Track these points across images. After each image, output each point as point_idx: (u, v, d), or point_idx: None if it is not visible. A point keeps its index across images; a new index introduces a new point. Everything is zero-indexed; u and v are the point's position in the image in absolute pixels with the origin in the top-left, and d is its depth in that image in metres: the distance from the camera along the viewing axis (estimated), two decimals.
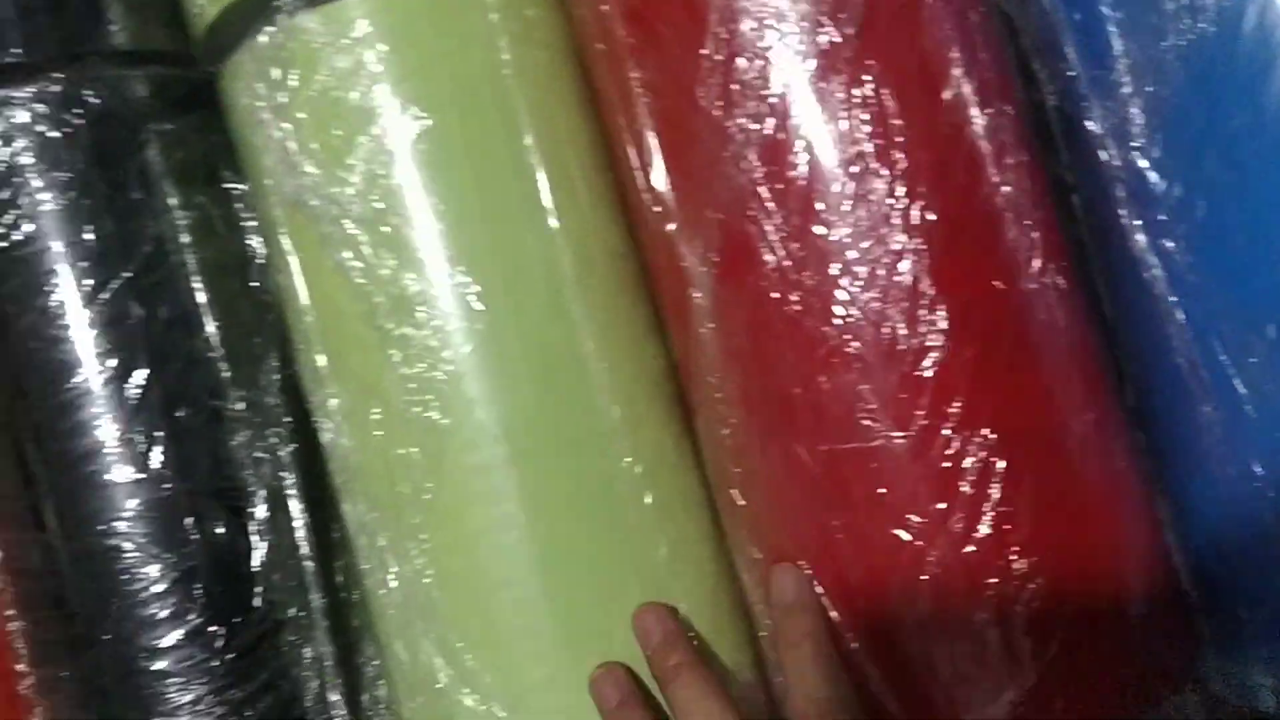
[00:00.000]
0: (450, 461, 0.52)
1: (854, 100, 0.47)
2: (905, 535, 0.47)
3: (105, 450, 0.55)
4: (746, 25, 0.47)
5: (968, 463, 0.47)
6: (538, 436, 0.52)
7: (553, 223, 0.54)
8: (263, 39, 0.53)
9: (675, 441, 0.56)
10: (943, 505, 0.47)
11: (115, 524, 0.55)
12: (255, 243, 0.60)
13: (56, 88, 0.56)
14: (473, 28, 0.54)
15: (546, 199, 0.54)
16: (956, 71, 0.49)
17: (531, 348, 0.53)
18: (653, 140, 0.52)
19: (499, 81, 0.54)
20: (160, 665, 0.55)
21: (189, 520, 0.56)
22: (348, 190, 0.52)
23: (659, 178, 0.52)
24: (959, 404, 0.47)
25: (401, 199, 0.52)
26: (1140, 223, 0.50)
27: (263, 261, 0.60)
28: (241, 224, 0.60)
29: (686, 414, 0.56)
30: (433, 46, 0.53)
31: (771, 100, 0.47)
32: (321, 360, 0.55)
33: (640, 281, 0.57)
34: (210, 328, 0.58)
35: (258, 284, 0.60)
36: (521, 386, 0.52)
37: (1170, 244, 0.49)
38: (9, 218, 0.56)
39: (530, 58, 0.55)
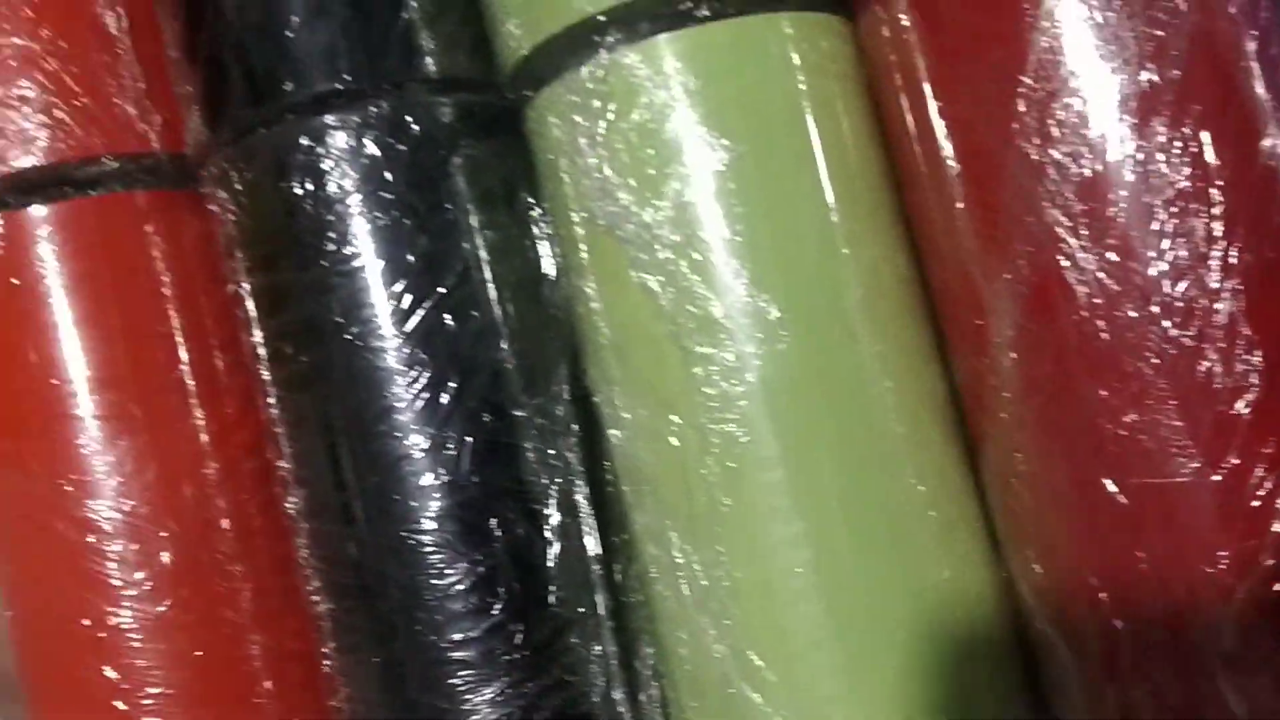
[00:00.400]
0: (748, 478, 0.54)
1: (1174, 140, 0.47)
2: (1213, 570, 0.47)
3: (417, 454, 0.58)
4: (1069, 64, 0.48)
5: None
6: (829, 454, 0.54)
7: (845, 249, 0.55)
8: (582, 72, 0.55)
9: (955, 463, 0.57)
10: (1253, 542, 0.47)
11: (424, 522, 0.58)
12: (547, 261, 0.63)
13: (381, 113, 0.59)
14: (774, 63, 0.55)
15: (840, 226, 0.55)
16: (1275, 117, 0.48)
17: (825, 368, 0.54)
18: (953, 170, 0.53)
19: (797, 113, 0.55)
20: (462, 656, 0.58)
21: (492, 521, 0.58)
22: (658, 217, 0.54)
23: (959, 209, 0.53)
24: (1272, 445, 0.47)
25: (708, 226, 0.54)
26: None
27: (554, 278, 0.63)
28: (534, 243, 0.63)
29: (966, 437, 0.57)
30: (738, 81, 0.55)
31: (1092, 139, 0.48)
32: (619, 375, 0.58)
33: (924, 307, 0.58)
34: (508, 342, 0.61)
35: (548, 300, 0.62)
36: (815, 406, 0.54)
37: None
38: (333, 237, 0.59)
39: (825, 89, 0.57)
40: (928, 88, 0.54)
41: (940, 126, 0.53)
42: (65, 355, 0.66)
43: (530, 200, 0.63)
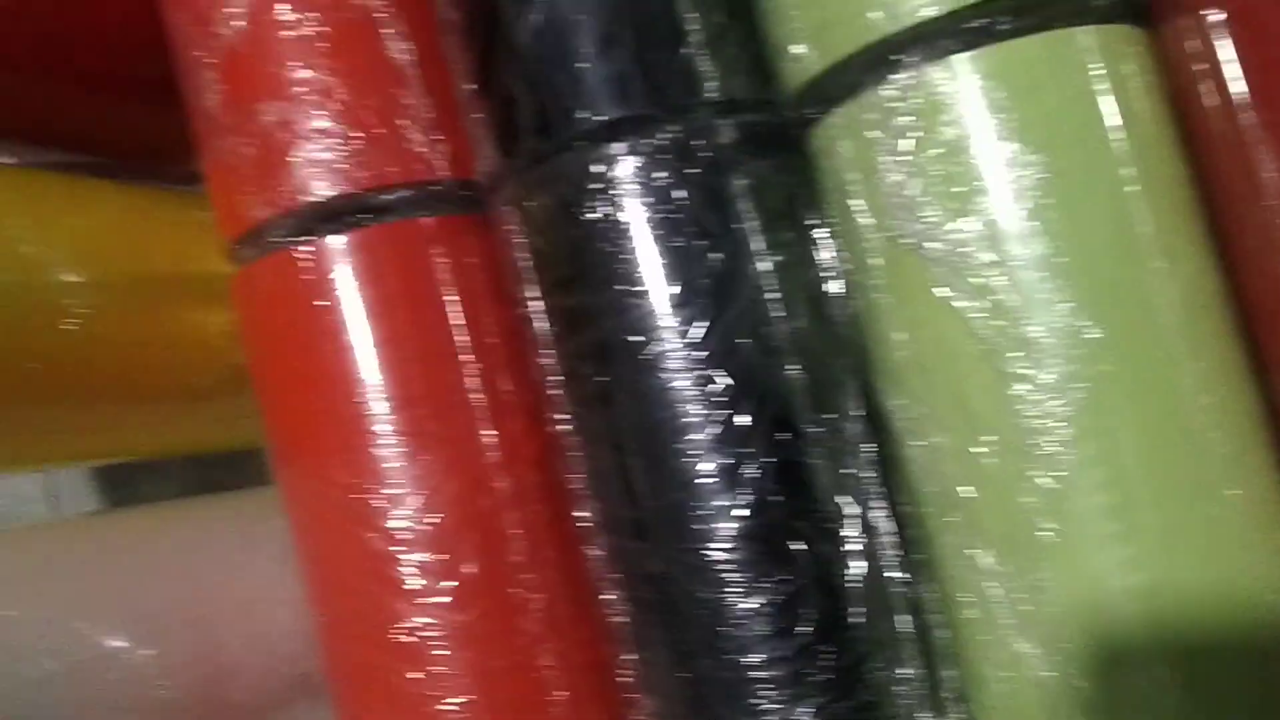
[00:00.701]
0: (1072, 502, 0.52)
1: None
2: None
3: (715, 473, 0.58)
4: None
5: None
6: (1153, 475, 0.52)
7: (1162, 265, 0.53)
8: (883, 91, 0.54)
9: (1273, 478, 0.54)
10: None
11: (725, 542, 0.58)
12: (833, 277, 0.62)
13: (669, 138, 0.59)
14: (1079, 76, 0.53)
15: (1156, 241, 0.53)
16: None
17: (1147, 388, 0.52)
18: (1273, 184, 0.50)
19: (1107, 127, 0.53)
20: (770, 675, 0.58)
21: (792, 542, 0.58)
22: (969, 235, 0.53)
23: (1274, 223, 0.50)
24: None
25: (1022, 244, 0.52)
26: None
27: (840, 295, 0.62)
28: (817, 261, 0.62)
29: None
30: (1045, 96, 0.53)
31: None
32: (921, 393, 0.57)
33: (1237, 322, 0.55)
34: (798, 360, 0.60)
35: (835, 317, 0.62)
36: (1138, 426, 0.52)
37: None
38: (626, 260, 0.59)
39: (1132, 101, 0.54)
40: (1245, 99, 0.51)
41: (1260, 139, 0.50)
42: (364, 374, 0.68)
43: (811, 217, 0.62)
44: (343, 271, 0.68)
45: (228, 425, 0.83)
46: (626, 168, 0.60)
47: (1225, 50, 0.52)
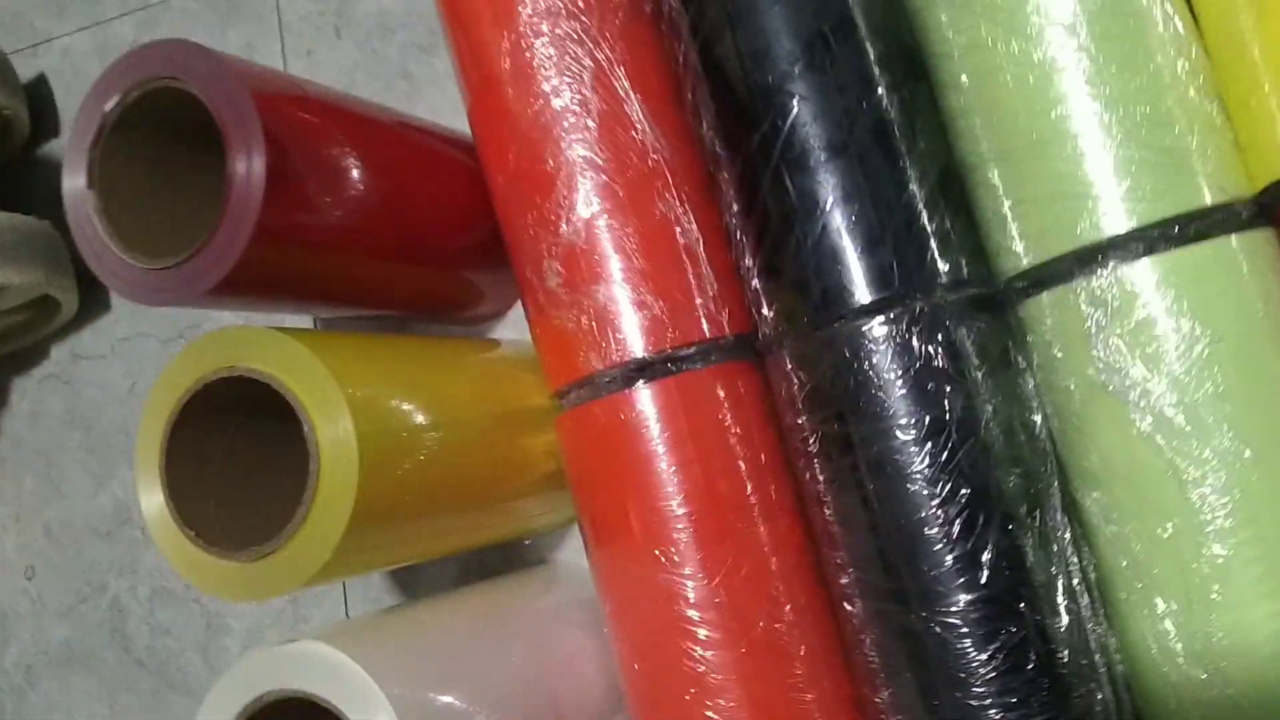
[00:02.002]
0: (1235, 570, 0.71)
1: None
2: None
3: (961, 557, 0.77)
4: None
5: None
6: None
7: None
8: (1090, 282, 0.74)
9: None
10: None
11: (967, 607, 0.77)
12: (1035, 406, 0.81)
13: (914, 312, 0.79)
14: (1235, 270, 0.73)
15: None
16: None
17: None
18: None
19: (1256, 311, 0.72)
20: (1000, 702, 0.76)
21: (1020, 603, 0.76)
22: (1157, 387, 0.72)
23: None
24: None
25: (1198, 393, 0.71)
26: None
27: (1038, 423, 0.81)
28: (1025, 394, 0.81)
29: None
30: (1210, 287, 0.72)
31: None
32: (1115, 491, 0.76)
33: None
34: (1014, 471, 0.79)
35: (1038, 436, 0.81)
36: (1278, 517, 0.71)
37: None
38: (887, 403, 0.79)
39: (1272, 294, 0.73)
40: None
41: None
42: (668, 487, 0.86)
43: (1020, 362, 0.82)
44: (651, 411, 0.86)
45: (522, 521, 1.01)
46: (885, 333, 0.79)
47: None
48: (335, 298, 0.95)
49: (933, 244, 0.79)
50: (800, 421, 0.83)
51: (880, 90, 0.81)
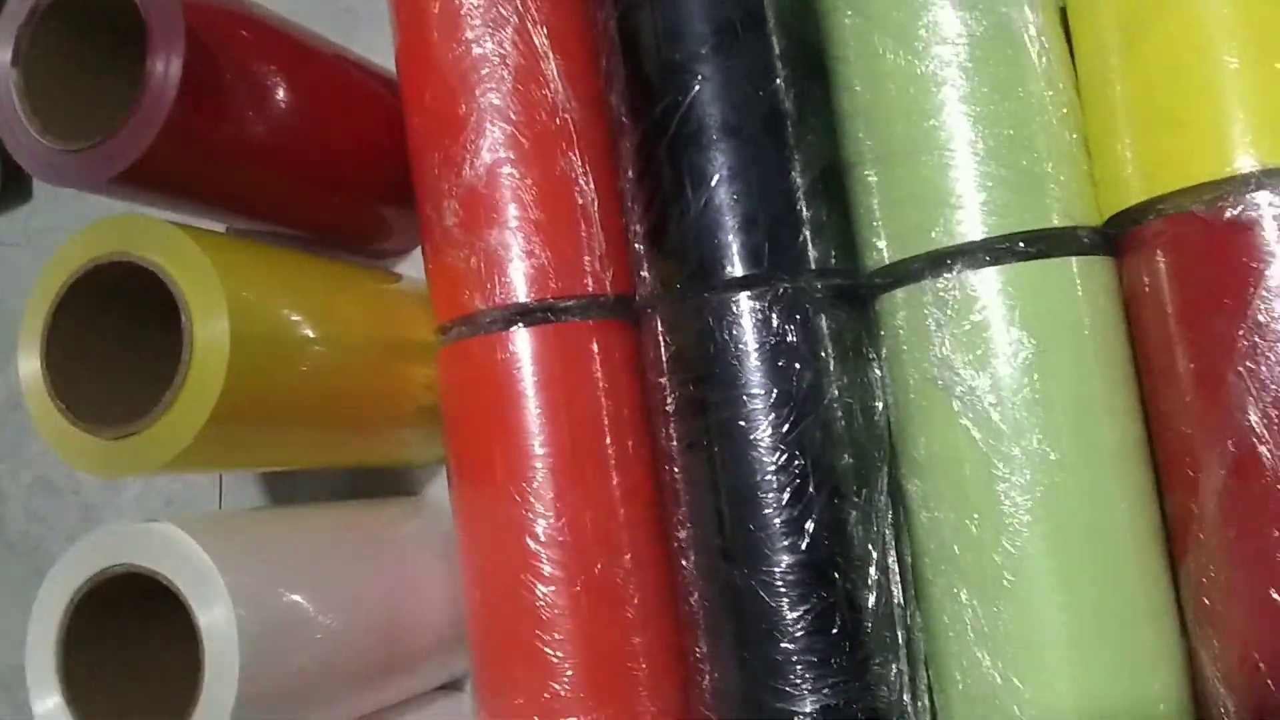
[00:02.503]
0: (1027, 562, 0.75)
1: None
2: None
3: (784, 521, 0.81)
4: (1276, 312, 0.70)
5: None
6: (1082, 552, 0.75)
7: (1104, 418, 0.77)
8: (937, 283, 0.78)
9: (1162, 568, 0.78)
10: None
11: (785, 567, 0.81)
12: (878, 394, 0.85)
13: (781, 293, 0.83)
14: (1067, 291, 0.78)
15: (1101, 401, 0.77)
16: None
17: (1083, 495, 0.75)
18: (1185, 375, 0.75)
19: (1081, 326, 0.77)
20: (807, 660, 0.80)
21: (833, 571, 0.81)
22: (982, 386, 0.77)
23: (1187, 400, 0.74)
24: None
25: (1015, 395, 0.76)
26: None
27: (880, 409, 0.85)
28: (870, 382, 0.86)
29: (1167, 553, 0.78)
30: (1044, 301, 0.77)
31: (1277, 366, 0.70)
32: (933, 481, 0.80)
33: (1150, 459, 0.79)
34: (849, 451, 0.83)
35: (876, 423, 0.85)
36: (1075, 519, 0.75)
37: None
38: (742, 373, 0.83)
39: (1100, 310, 0.78)
40: (1171, 313, 0.76)
41: (1179, 344, 0.75)
42: (533, 428, 0.89)
43: (870, 352, 0.86)
44: (526, 354, 0.90)
45: (398, 448, 1.04)
46: (749, 308, 0.83)
47: (1162, 278, 0.76)
48: (242, 208, 0.97)
49: (807, 232, 0.83)
50: (662, 381, 0.87)
51: (779, 82, 0.84)
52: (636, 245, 0.88)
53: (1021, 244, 0.77)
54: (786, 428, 0.81)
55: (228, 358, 0.76)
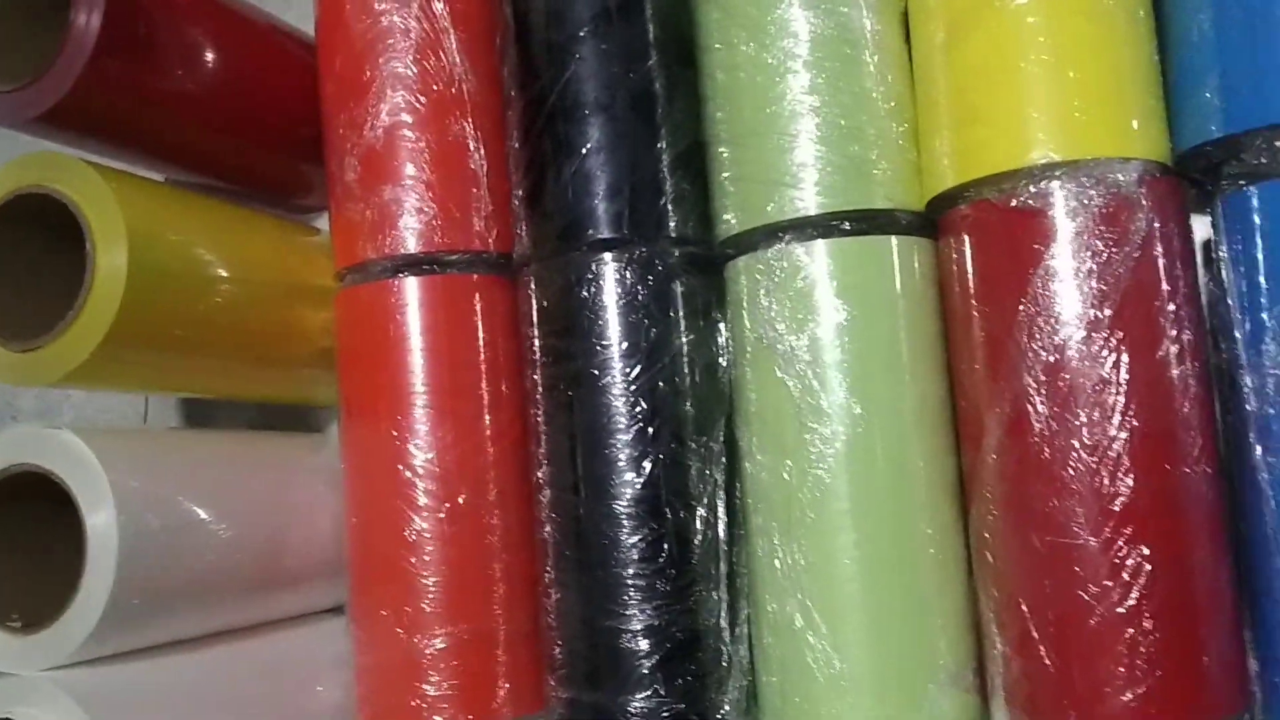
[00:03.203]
0: (828, 504, 0.83)
1: (1103, 349, 0.76)
2: (1088, 594, 0.76)
3: (628, 459, 0.89)
4: (1050, 298, 0.78)
5: (1129, 561, 0.75)
6: (879, 498, 0.83)
7: (907, 378, 0.84)
8: (769, 252, 0.86)
9: (955, 519, 0.85)
10: (1109, 584, 0.75)
11: (626, 501, 0.88)
12: (721, 353, 0.93)
13: (639, 256, 0.90)
14: (884, 265, 0.85)
15: (906, 365, 0.84)
16: (1172, 331, 0.77)
17: (884, 446, 0.83)
18: (978, 344, 0.82)
19: (894, 295, 0.85)
20: (636, 584, 0.88)
21: (666, 508, 0.88)
22: (800, 344, 0.84)
23: (977, 369, 0.82)
24: (1131, 528, 0.75)
25: (828, 353, 0.83)
26: (1264, 455, 0.77)
27: (724, 366, 0.93)
28: (716, 342, 0.93)
29: (964, 504, 0.86)
30: (860, 273, 0.85)
31: (1055, 342, 0.77)
32: (758, 432, 0.88)
33: (950, 420, 0.87)
34: (691, 402, 0.91)
35: (719, 379, 0.93)
36: (874, 467, 0.83)
37: (1270, 460, 0.76)
38: (600, 325, 0.90)
39: (913, 283, 0.85)
40: (972, 290, 0.84)
41: (976, 317, 0.83)
42: (415, 368, 0.97)
43: (717, 315, 0.93)
44: (412, 301, 0.97)
45: (299, 386, 1.11)
46: (609, 269, 0.91)
47: (966, 263, 0.84)
48: (164, 156, 1.04)
49: (667, 203, 0.91)
50: (532, 333, 0.94)
51: (650, 65, 0.92)
52: (517, 207, 0.95)
53: (847, 222, 0.85)
54: (634, 378, 0.89)
55: (124, 285, 0.83)
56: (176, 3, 0.95)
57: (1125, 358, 0.75)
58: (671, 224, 0.91)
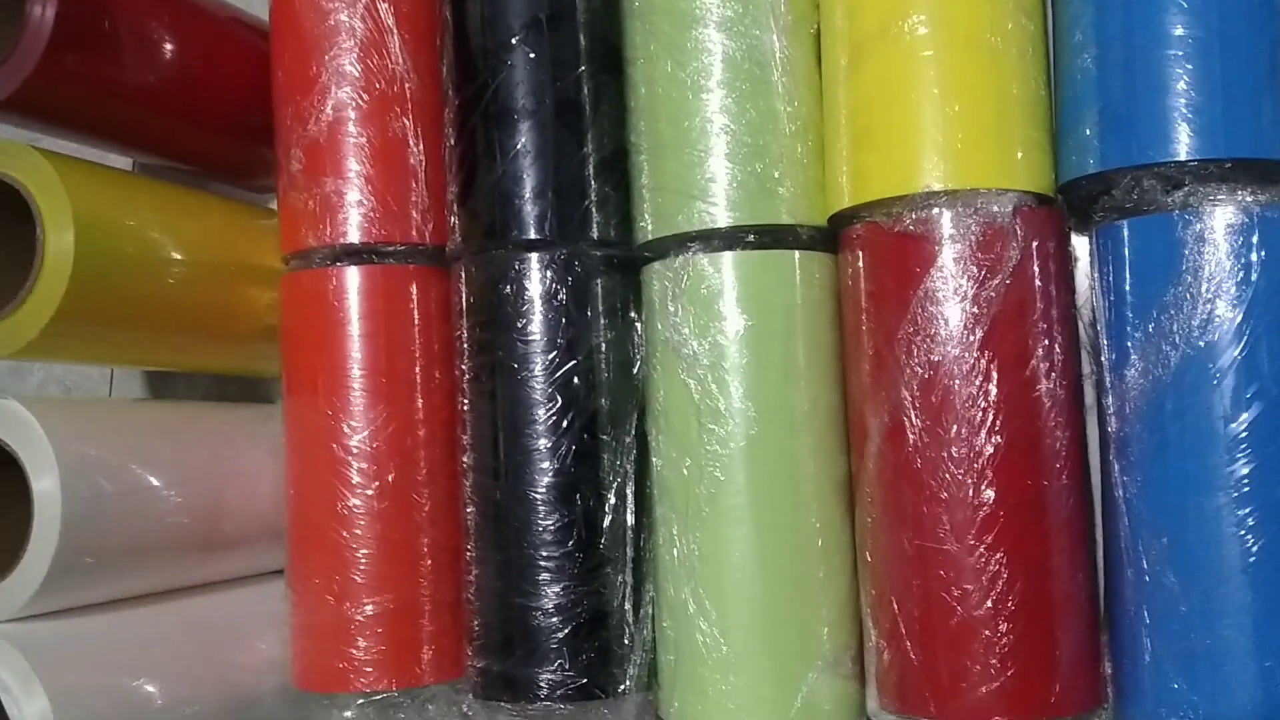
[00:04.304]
0: (721, 499, 0.88)
1: (974, 368, 0.81)
2: (951, 595, 0.81)
3: (544, 448, 0.93)
4: (928, 317, 0.82)
5: (990, 566, 0.80)
6: (771, 495, 0.88)
7: (801, 384, 0.89)
8: (678, 260, 0.90)
9: (842, 518, 0.90)
10: (970, 586, 0.80)
11: (540, 487, 0.93)
12: (635, 352, 0.98)
13: (561, 256, 0.95)
14: (785, 277, 0.89)
15: (802, 372, 0.89)
16: (1040, 353, 0.81)
17: (777, 447, 0.87)
18: (867, 355, 0.87)
19: (794, 306, 0.89)
20: (548, 565, 0.93)
21: (577, 495, 0.93)
22: (702, 348, 0.89)
23: (866, 381, 0.87)
24: (993, 535, 0.80)
25: (727, 358, 0.88)
26: (1121, 473, 0.82)
27: (637, 364, 0.98)
28: (631, 341, 0.98)
29: (851, 504, 0.91)
30: (761, 284, 0.89)
31: (931, 359, 0.82)
32: (663, 429, 0.92)
33: (841, 424, 0.91)
34: (605, 397, 0.96)
35: (632, 376, 0.97)
36: (767, 466, 0.87)
37: (1125, 478, 0.81)
38: (526, 319, 0.94)
39: (812, 295, 0.90)
40: (863, 305, 0.88)
41: (865, 331, 0.87)
42: (352, 351, 1.02)
43: (634, 315, 0.98)
44: (354, 288, 1.02)
45: (249, 360, 1.16)
46: (531, 267, 0.95)
47: (860, 279, 0.88)
48: (127, 141, 1.08)
49: (590, 206, 0.95)
50: (461, 323, 0.99)
51: (578, 74, 0.96)
52: (451, 202, 1.00)
53: (752, 236, 0.89)
54: (552, 371, 0.93)
55: (72, 265, 0.87)
56: None
57: (994, 376, 0.80)
58: (593, 226, 0.95)
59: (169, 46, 1.00)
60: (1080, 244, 0.87)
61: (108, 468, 0.93)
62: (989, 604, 0.79)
